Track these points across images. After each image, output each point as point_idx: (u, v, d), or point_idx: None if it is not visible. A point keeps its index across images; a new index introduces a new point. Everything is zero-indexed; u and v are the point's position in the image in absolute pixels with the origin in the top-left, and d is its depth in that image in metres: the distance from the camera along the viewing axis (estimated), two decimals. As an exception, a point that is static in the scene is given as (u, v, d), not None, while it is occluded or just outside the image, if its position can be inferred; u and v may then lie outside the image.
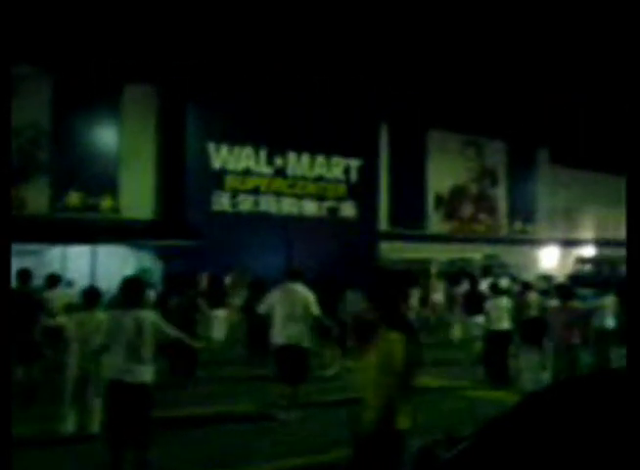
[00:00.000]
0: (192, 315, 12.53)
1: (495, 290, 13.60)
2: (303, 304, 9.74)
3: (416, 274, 30.04)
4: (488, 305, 12.98)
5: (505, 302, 12.78)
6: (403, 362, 5.18)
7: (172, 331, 7.30)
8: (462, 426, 8.90)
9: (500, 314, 12.45)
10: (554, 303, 11.96)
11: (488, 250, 39.40)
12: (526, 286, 18.04)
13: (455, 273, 27.82)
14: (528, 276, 29.19)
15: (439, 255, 36.20)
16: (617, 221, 48.91)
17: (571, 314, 9.69)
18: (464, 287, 18.03)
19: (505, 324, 12.48)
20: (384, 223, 38.75)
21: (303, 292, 9.92)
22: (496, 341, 12.38)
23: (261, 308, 10.14)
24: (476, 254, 36.48)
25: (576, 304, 10.28)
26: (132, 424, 6.83)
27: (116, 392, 6.88)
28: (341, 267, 28.57)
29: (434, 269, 34.12)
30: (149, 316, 7.22)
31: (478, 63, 45.93)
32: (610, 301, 13.45)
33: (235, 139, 32.98)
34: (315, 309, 9.87)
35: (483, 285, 23.56)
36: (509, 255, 38.95)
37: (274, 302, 9.88)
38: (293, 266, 10.58)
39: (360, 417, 5.08)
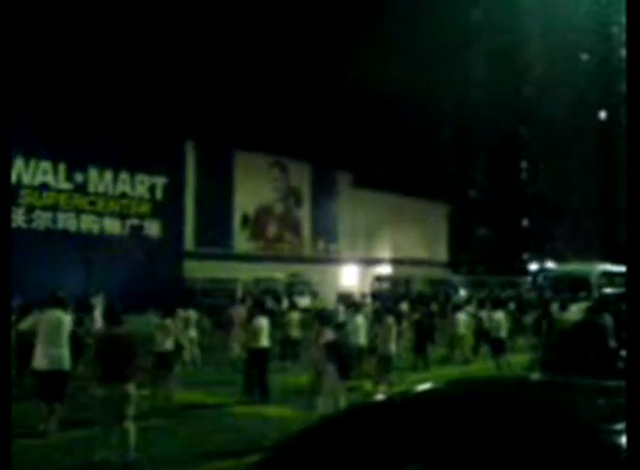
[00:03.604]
0: None
1: (261, 309, 13.90)
2: (63, 328, 10.00)
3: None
4: (251, 324, 13.19)
5: (264, 321, 13.04)
6: None
7: None
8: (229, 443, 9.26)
9: (259, 333, 12.74)
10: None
11: (293, 269, 40.21)
12: (292, 306, 18.88)
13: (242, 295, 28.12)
14: (329, 294, 30.15)
15: (245, 274, 36.36)
16: (411, 242, 52.05)
17: (325, 338, 10.19)
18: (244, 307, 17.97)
19: (264, 342, 12.78)
20: (189, 242, 38.33)
21: (63, 317, 10.17)
22: (255, 358, 12.63)
23: (23, 326, 10.07)
24: (280, 273, 37.08)
25: (329, 328, 10.74)
26: None
27: None
28: (144, 286, 27.90)
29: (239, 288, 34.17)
30: None
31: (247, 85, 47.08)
32: (361, 320, 14.22)
33: (31, 152, 31.11)
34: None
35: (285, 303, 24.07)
36: (312, 273, 39.99)
37: (36, 324, 10.13)
38: (55, 293, 10.64)
39: None
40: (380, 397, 4.34)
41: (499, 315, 16.90)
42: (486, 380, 4.97)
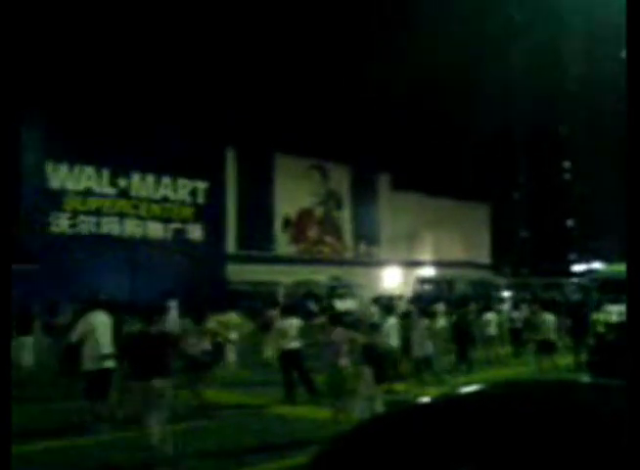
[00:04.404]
0: None
1: (288, 311, 13.91)
2: (108, 329, 10.48)
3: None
4: (279, 325, 13.23)
5: (295, 322, 13.06)
6: None
7: None
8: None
9: (290, 334, 12.78)
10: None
11: (334, 271, 40.19)
12: (324, 309, 18.90)
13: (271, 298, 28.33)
14: (369, 296, 29.96)
15: (287, 277, 36.49)
16: (453, 244, 51.59)
17: (339, 337, 10.14)
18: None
19: (295, 343, 12.80)
20: (231, 246, 38.61)
21: (106, 319, 10.59)
22: (287, 359, 12.67)
23: (73, 338, 10.55)
24: (321, 275, 37.08)
25: (341, 328, 10.66)
26: None
27: None
28: (187, 290, 28.11)
29: (281, 291, 34.30)
30: None
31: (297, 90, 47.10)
32: (393, 322, 14.07)
33: (75, 158, 31.71)
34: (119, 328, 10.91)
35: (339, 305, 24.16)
36: (354, 276, 39.92)
37: (85, 331, 10.42)
38: (97, 296, 11.11)
39: None
40: (425, 398, 4.28)
41: (547, 317, 16.59)
42: (534, 382, 4.89)
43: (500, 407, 3.36)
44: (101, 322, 10.38)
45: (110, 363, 10.25)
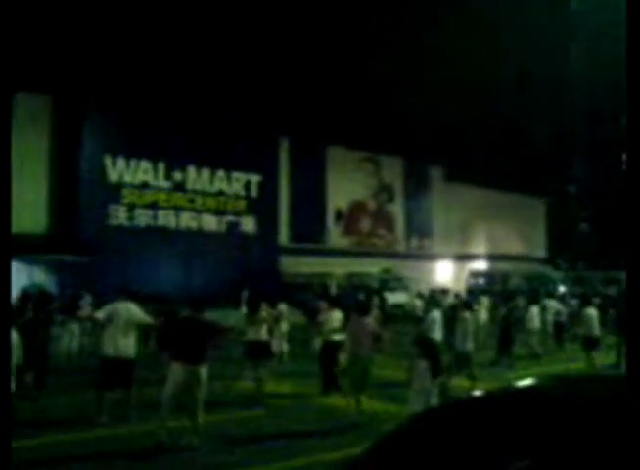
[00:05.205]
0: (46, 330, 12.37)
1: (333, 303, 13.88)
2: (132, 319, 10.57)
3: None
4: (323, 317, 13.26)
5: (339, 314, 13.05)
6: None
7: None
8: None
9: (334, 326, 12.80)
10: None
11: (386, 264, 40.09)
12: (367, 301, 19.09)
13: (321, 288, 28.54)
14: (424, 290, 29.85)
15: (339, 269, 36.58)
16: (507, 237, 50.91)
17: (364, 328, 10.15)
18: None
19: (338, 335, 12.84)
20: (284, 238, 38.89)
21: (132, 309, 10.70)
22: (330, 350, 12.66)
23: (100, 315, 10.74)
24: (373, 268, 37.04)
25: (369, 319, 10.70)
26: None
27: None
28: (241, 282, 28.49)
29: (333, 284, 34.43)
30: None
31: (373, 82, 46.97)
32: (437, 315, 14.01)
33: (132, 152, 32.40)
34: (145, 319, 10.85)
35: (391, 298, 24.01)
36: (406, 269, 39.78)
37: (104, 317, 10.60)
38: (126, 287, 11.33)
39: None
40: (479, 392, 4.32)
41: (591, 312, 16.24)
42: (592, 377, 4.85)
43: (556, 401, 3.38)
44: (125, 311, 10.48)
45: (130, 353, 10.31)
